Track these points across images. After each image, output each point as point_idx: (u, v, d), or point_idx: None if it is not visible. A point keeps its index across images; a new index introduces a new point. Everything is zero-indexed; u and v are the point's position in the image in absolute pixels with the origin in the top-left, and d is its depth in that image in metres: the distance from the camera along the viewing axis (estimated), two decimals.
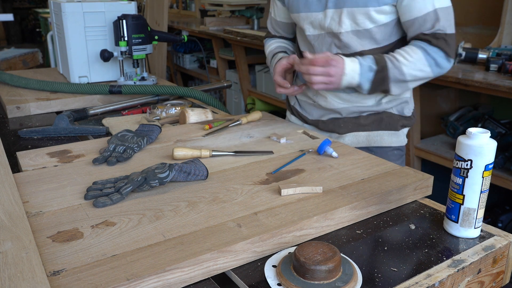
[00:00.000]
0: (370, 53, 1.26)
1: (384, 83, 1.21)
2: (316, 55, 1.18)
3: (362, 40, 1.26)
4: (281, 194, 0.92)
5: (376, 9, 1.20)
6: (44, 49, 4.66)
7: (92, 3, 1.80)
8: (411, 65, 1.19)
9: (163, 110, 1.52)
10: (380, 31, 1.25)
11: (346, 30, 1.25)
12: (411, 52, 1.20)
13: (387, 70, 1.20)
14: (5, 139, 1.32)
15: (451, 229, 0.86)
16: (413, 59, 1.19)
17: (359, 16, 1.22)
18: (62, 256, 0.71)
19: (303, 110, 1.48)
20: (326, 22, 1.27)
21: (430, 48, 1.20)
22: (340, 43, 1.28)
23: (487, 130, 0.80)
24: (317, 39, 1.32)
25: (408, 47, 1.22)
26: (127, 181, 0.93)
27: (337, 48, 1.29)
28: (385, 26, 1.24)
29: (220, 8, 3.90)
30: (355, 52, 1.27)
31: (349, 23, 1.24)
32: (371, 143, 1.39)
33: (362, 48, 1.27)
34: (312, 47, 1.35)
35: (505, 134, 2.27)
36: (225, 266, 0.74)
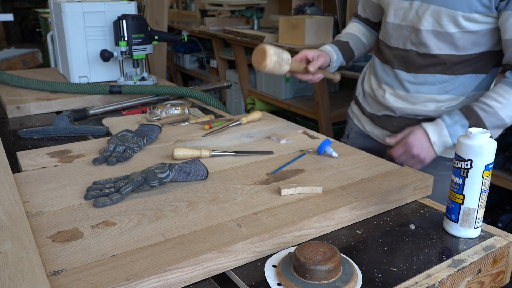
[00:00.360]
0: (446, 59, 1.20)
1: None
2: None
3: (440, 42, 1.19)
4: (281, 194, 0.92)
5: (464, 15, 1.11)
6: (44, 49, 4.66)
7: (92, 3, 1.80)
8: (507, 107, 1.10)
9: (163, 110, 1.52)
10: (464, 38, 1.16)
11: (426, 28, 1.18)
12: (504, 93, 1.11)
13: (482, 122, 1.11)
14: (5, 139, 1.32)
15: (451, 229, 0.86)
16: (508, 101, 1.10)
17: (444, 17, 1.14)
18: (62, 256, 0.71)
19: (364, 102, 1.45)
20: (409, 14, 1.21)
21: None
22: (417, 40, 1.22)
23: (487, 130, 0.80)
24: (396, 29, 1.27)
25: (498, 87, 1.12)
26: (127, 181, 0.93)
27: (412, 45, 1.23)
28: (471, 34, 1.15)
29: (220, 8, 3.90)
30: (430, 53, 1.21)
31: (431, 21, 1.17)
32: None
33: (439, 52, 1.20)
34: (389, 37, 1.30)
35: (505, 134, 2.27)
36: (225, 266, 0.74)
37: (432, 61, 1.22)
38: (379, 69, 1.36)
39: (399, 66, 1.29)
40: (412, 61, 1.25)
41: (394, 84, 1.31)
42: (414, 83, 1.26)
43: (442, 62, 1.21)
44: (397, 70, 1.29)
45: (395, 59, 1.29)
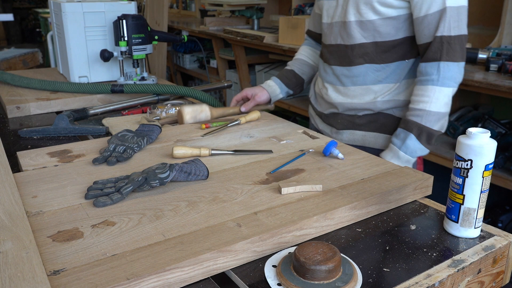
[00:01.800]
0: (371, 47, 1.26)
1: (431, 134, 1.22)
2: None
3: (365, 31, 1.25)
4: (281, 192, 0.92)
5: (379, 1, 1.19)
6: (44, 49, 4.66)
7: (92, 3, 1.80)
8: (434, 102, 1.19)
9: (163, 110, 1.52)
10: (385, 24, 1.23)
11: (350, 20, 1.25)
12: (424, 93, 1.20)
13: (423, 126, 1.20)
14: (5, 139, 1.32)
15: (451, 229, 0.86)
16: (431, 97, 1.19)
17: (362, 6, 1.22)
18: (62, 256, 0.72)
19: (315, 102, 1.53)
20: (337, 11, 1.29)
21: (433, 72, 1.18)
22: (344, 33, 1.29)
23: (487, 130, 0.80)
24: (328, 27, 1.35)
25: (416, 89, 1.22)
26: (127, 181, 0.93)
27: (341, 39, 1.30)
28: (391, 20, 1.22)
29: (220, 8, 3.90)
30: (356, 43, 1.27)
31: (353, 12, 1.24)
32: (366, 144, 1.39)
33: (364, 40, 1.26)
34: (325, 36, 1.38)
35: (505, 134, 2.27)
36: (225, 265, 0.75)
37: (359, 51, 1.28)
38: (321, 69, 1.44)
39: (334, 61, 1.36)
40: (343, 54, 1.32)
41: (333, 80, 1.38)
42: (348, 76, 1.33)
43: (369, 51, 1.27)
44: (333, 66, 1.37)
45: (330, 56, 1.37)
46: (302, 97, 3.32)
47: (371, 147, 1.38)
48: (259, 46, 3.21)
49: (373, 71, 1.30)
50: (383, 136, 1.37)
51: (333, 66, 1.36)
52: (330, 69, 1.38)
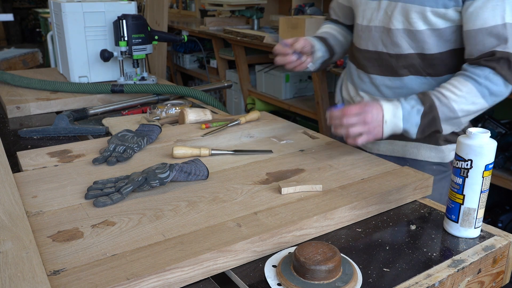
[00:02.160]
0: (418, 59, 1.17)
1: (434, 124, 1.08)
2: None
3: (412, 41, 1.15)
4: (281, 192, 0.92)
5: (433, 10, 1.09)
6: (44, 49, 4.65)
7: (92, 3, 1.80)
8: (461, 100, 1.06)
9: (163, 110, 1.52)
10: (434, 35, 1.13)
11: (397, 28, 1.15)
12: (459, 85, 1.07)
13: (435, 110, 1.07)
14: (5, 139, 1.32)
15: (451, 229, 0.86)
16: (463, 93, 1.06)
17: (413, 14, 1.11)
18: (62, 256, 0.72)
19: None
20: (378, 14, 1.18)
21: (482, 74, 1.05)
22: (388, 40, 1.18)
23: (487, 130, 0.80)
24: (365, 31, 1.23)
25: (454, 79, 1.09)
26: (127, 181, 0.93)
27: (383, 46, 1.20)
28: (440, 31, 1.12)
29: (220, 8, 3.90)
30: (402, 53, 1.18)
31: (401, 19, 1.14)
32: (407, 155, 1.28)
33: (411, 51, 1.17)
34: (359, 39, 1.26)
35: (505, 134, 2.27)
36: (225, 265, 0.75)
37: (405, 62, 1.18)
38: (354, 75, 1.32)
39: (373, 70, 1.24)
40: (386, 63, 1.21)
41: (371, 90, 1.26)
42: (391, 87, 1.22)
43: (416, 63, 1.18)
44: (372, 75, 1.25)
45: (368, 63, 1.25)
46: (302, 97, 3.32)
47: (413, 158, 1.27)
48: (259, 46, 3.21)
49: (418, 83, 1.19)
50: (426, 146, 1.25)
51: (372, 75, 1.25)
52: (367, 77, 1.26)
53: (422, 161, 1.26)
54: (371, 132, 1.06)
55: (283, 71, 3.28)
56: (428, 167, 1.25)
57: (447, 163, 1.28)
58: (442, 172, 1.27)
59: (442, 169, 1.27)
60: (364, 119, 1.05)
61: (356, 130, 1.05)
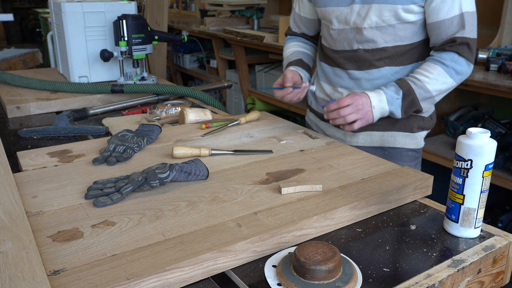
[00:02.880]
0: (392, 51, 1.29)
1: (414, 104, 1.25)
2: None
3: (385, 35, 1.27)
4: (281, 192, 0.92)
5: (404, 7, 1.21)
6: (44, 49, 4.65)
7: (92, 3, 1.80)
8: (433, 81, 1.23)
9: (163, 110, 1.52)
10: (404, 28, 1.26)
11: (370, 26, 1.26)
12: (430, 69, 1.23)
13: (413, 92, 1.23)
14: (5, 139, 1.32)
15: (451, 229, 0.86)
16: (434, 75, 1.22)
17: (386, 13, 1.23)
18: (62, 256, 0.72)
19: (319, 108, 1.48)
20: (351, 17, 1.28)
21: (447, 58, 1.22)
22: (362, 38, 1.29)
23: (487, 130, 0.80)
24: (340, 33, 1.33)
25: (425, 64, 1.25)
26: (127, 181, 0.93)
27: (358, 43, 1.30)
28: (410, 25, 1.25)
29: (220, 8, 3.90)
30: (377, 48, 1.29)
31: (375, 19, 1.25)
32: (385, 143, 1.39)
33: (385, 44, 1.28)
34: (334, 42, 1.36)
35: (505, 134, 2.27)
36: (225, 265, 0.75)
37: (380, 55, 1.30)
38: (330, 74, 1.41)
39: (351, 66, 1.34)
40: (362, 58, 1.31)
41: (350, 84, 1.36)
42: (369, 79, 1.33)
43: (390, 55, 1.29)
44: (350, 70, 1.35)
45: (346, 61, 1.35)
46: None
47: (391, 146, 1.39)
48: (259, 46, 3.21)
49: (392, 73, 1.31)
50: (402, 134, 1.37)
51: (349, 71, 1.35)
52: (345, 73, 1.36)
53: (399, 148, 1.39)
54: (364, 117, 1.23)
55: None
56: (405, 153, 1.40)
57: (420, 149, 1.44)
58: (416, 158, 1.44)
59: (416, 155, 1.43)
60: (357, 107, 1.21)
61: (351, 118, 1.21)
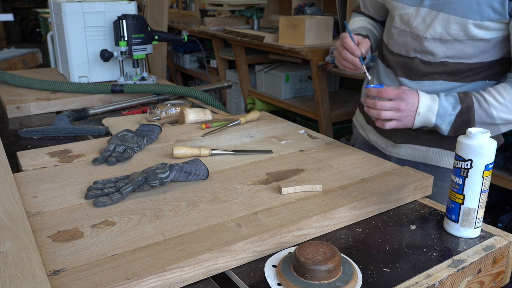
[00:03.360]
0: (453, 67, 1.12)
1: (468, 126, 1.05)
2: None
3: (448, 50, 1.11)
4: (281, 192, 0.92)
5: (476, 23, 1.03)
6: (44, 49, 4.65)
7: (92, 3, 1.80)
8: (502, 108, 1.03)
9: (163, 110, 1.52)
10: (474, 45, 1.08)
11: (432, 37, 1.11)
12: (503, 93, 1.04)
13: (472, 112, 1.04)
14: (5, 139, 1.32)
15: (451, 229, 0.86)
16: (506, 101, 1.03)
17: (454, 26, 1.06)
18: (62, 256, 0.72)
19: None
20: (415, 21, 1.13)
21: None
22: (421, 48, 1.14)
23: (487, 130, 0.80)
24: (401, 34, 1.19)
25: (500, 85, 1.06)
26: (127, 181, 0.93)
27: (415, 52, 1.16)
28: (481, 42, 1.07)
29: (220, 8, 3.90)
30: (436, 62, 1.14)
31: (440, 30, 1.09)
32: (429, 160, 1.24)
33: (446, 60, 1.12)
34: (393, 42, 1.23)
35: (505, 134, 2.27)
36: (225, 265, 0.75)
37: (438, 69, 1.15)
38: (383, 74, 1.29)
39: (402, 74, 1.22)
40: (417, 69, 1.18)
41: None
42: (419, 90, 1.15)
43: (450, 71, 1.14)
44: (400, 78, 1.22)
45: (398, 66, 1.22)
46: (302, 97, 3.32)
47: (434, 165, 1.23)
48: (259, 46, 3.21)
49: (448, 88, 1.15)
50: (449, 153, 1.21)
51: (400, 78, 1.22)
52: (396, 79, 1.23)
53: (444, 168, 1.23)
54: (402, 120, 1.07)
55: (283, 71, 3.28)
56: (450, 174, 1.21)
57: None
58: None
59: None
60: (398, 106, 1.05)
61: (387, 115, 1.06)
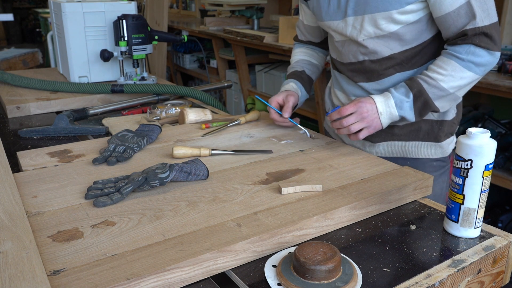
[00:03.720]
0: (401, 56, 1.18)
1: (428, 105, 1.13)
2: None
3: (388, 43, 1.17)
4: (281, 192, 0.92)
5: (399, 11, 1.11)
6: (44, 49, 4.66)
7: (92, 3, 1.80)
8: (448, 78, 1.10)
9: (163, 110, 1.52)
10: (409, 30, 1.14)
11: (369, 37, 1.17)
12: (443, 65, 1.11)
13: (425, 92, 1.11)
14: (5, 139, 1.32)
15: (451, 229, 0.86)
16: (448, 71, 1.10)
17: (382, 21, 1.13)
18: (62, 256, 0.72)
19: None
20: (347, 30, 1.20)
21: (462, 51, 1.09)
22: (366, 50, 1.20)
23: (487, 130, 0.80)
24: (343, 45, 1.26)
25: (439, 60, 1.13)
26: (127, 181, 0.93)
27: (363, 55, 1.21)
28: (414, 25, 1.14)
29: (220, 8, 3.90)
30: (384, 57, 1.19)
31: (372, 29, 1.15)
32: (407, 154, 1.28)
33: (391, 52, 1.18)
34: (340, 54, 1.29)
35: (505, 134, 2.27)
36: (225, 265, 0.75)
37: (388, 64, 1.20)
38: (343, 83, 1.32)
39: (360, 79, 1.26)
40: (370, 70, 1.22)
41: (363, 94, 1.26)
42: (380, 90, 1.23)
43: (399, 61, 1.19)
44: (359, 83, 1.26)
45: (354, 74, 1.26)
46: None
47: (413, 157, 1.28)
48: (259, 46, 3.21)
49: (405, 78, 1.20)
50: (426, 144, 1.26)
51: (360, 83, 1.26)
52: (356, 85, 1.28)
53: (423, 159, 1.28)
54: (371, 125, 1.13)
55: (283, 71, 3.28)
56: (429, 163, 1.28)
57: (446, 157, 1.31)
58: (442, 167, 1.30)
59: (442, 164, 1.30)
60: (361, 115, 1.12)
61: (356, 127, 1.12)
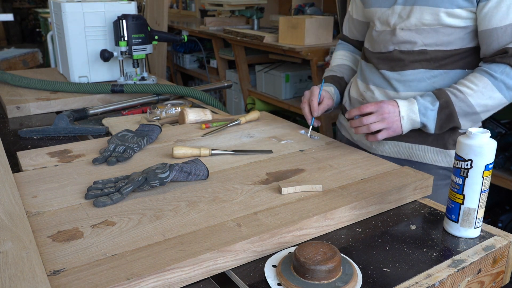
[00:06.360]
0: (432, 54, 1.17)
1: (452, 119, 1.11)
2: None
3: (425, 38, 1.16)
4: (281, 192, 0.92)
5: (447, 11, 1.10)
6: (44, 49, 4.65)
7: (92, 3, 1.80)
8: (477, 95, 1.09)
9: (163, 110, 1.52)
10: (449, 33, 1.14)
11: (408, 28, 1.17)
12: (475, 80, 1.10)
13: (452, 105, 1.10)
14: (5, 139, 1.32)
15: (451, 229, 0.86)
16: (479, 88, 1.09)
17: (428, 16, 1.13)
18: (62, 256, 0.72)
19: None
20: (392, 19, 1.20)
21: (497, 70, 1.08)
22: (397, 39, 1.19)
23: (487, 130, 0.80)
24: (379, 35, 1.25)
25: (471, 75, 1.12)
26: (127, 181, 0.93)
27: (394, 45, 1.21)
28: (456, 30, 1.13)
29: (220, 8, 3.90)
30: (414, 50, 1.18)
31: (415, 21, 1.15)
32: (413, 157, 1.25)
33: (424, 47, 1.17)
34: (373, 44, 1.28)
35: (505, 134, 2.27)
36: (225, 265, 0.75)
37: (417, 57, 1.19)
38: (365, 70, 1.31)
39: (383, 66, 1.25)
40: (397, 59, 1.21)
41: (383, 84, 1.25)
42: (401, 81, 1.21)
43: (429, 58, 1.18)
44: (382, 70, 1.25)
45: (379, 61, 1.26)
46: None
47: (419, 161, 1.24)
48: (259, 46, 3.21)
49: (429, 76, 1.18)
50: (433, 149, 1.22)
51: (382, 71, 1.25)
52: (378, 72, 1.26)
53: (429, 165, 1.24)
54: (391, 127, 1.12)
55: (283, 71, 3.28)
56: (435, 171, 1.23)
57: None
58: (448, 177, 1.25)
59: (448, 174, 1.25)
60: (382, 116, 1.11)
61: (376, 127, 1.11)
